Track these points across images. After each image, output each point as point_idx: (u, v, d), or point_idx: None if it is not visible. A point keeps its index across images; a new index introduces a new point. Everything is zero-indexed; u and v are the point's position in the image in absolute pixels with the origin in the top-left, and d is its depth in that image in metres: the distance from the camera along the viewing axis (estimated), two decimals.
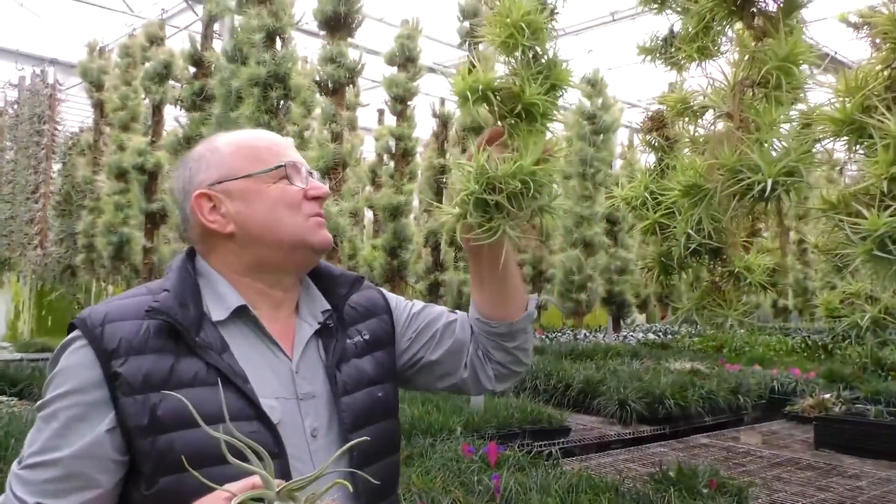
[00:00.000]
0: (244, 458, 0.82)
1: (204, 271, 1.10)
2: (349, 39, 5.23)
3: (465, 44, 6.30)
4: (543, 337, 12.20)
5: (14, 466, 0.96)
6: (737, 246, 1.45)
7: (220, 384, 0.95)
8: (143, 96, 7.56)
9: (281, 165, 1.09)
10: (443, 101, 7.39)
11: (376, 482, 0.99)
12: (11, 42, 11.58)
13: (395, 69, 6.23)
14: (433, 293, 6.24)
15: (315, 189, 1.12)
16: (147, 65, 7.19)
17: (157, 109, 7.46)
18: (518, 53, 1.09)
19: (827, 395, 6.01)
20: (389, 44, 6.30)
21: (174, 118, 6.54)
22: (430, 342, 1.25)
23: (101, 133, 8.68)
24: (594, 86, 10.04)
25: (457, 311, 1.32)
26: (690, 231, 1.45)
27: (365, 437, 1.00)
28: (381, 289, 1.31)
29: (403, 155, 6.49)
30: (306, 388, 1.07)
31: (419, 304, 1.31)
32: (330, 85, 5.11)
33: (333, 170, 4.89)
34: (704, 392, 6.06)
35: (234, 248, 1.09)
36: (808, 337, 10.74)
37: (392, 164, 6.87)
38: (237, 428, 0.82)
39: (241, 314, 1.06)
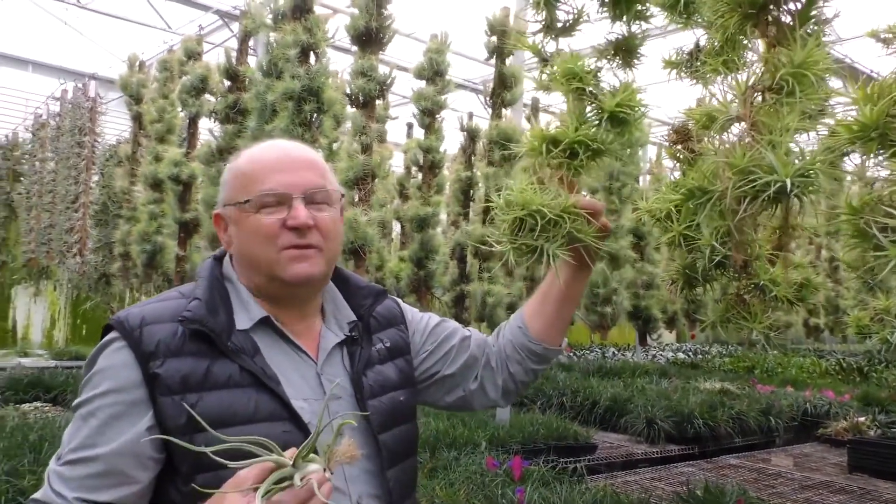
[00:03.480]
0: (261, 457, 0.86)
1: (232, 277, 1.14)
2: (380, 54, 5.32)
3: (492, 58, 6.34)
4: (571, 354, 12.08)
5: (52, 463, 0.99)
6: (749, 255, 1.44)
7: (254, 386, 1.00)
8: (179, 109, 7.74)
9: (248, 200, 1.08)
10: (470, 116, 7.45)
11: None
12: (55, 58, 12.05)
13: (423, 83, 6.30)
14: (458, 305, 6.25)
15: (293, 219, 1.07)
16: (184, 78, 7.36)
17: (192, 122, 7.63)
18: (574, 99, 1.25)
19: (861, 419, 5.85)
20: (418, 59, 6.39)
21: (208, 130, 6.68)
22: (447, 357, 1.29)
23: (139, 144, 8.89)
24: None
25: (469, 328, 1.37)
26: (715, 244, 1.45)
27: (378, 404, 1.07)
28: (397, 299, 1.34)
29: (431, 167, 6.53)
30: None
31: (435, 317, 1.34)
32: (361, 98, 5.21)
33: (363, 180, 4.97)
34: (734, 412, 5.93)
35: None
36: (843, 359, 10.48)
37: (420, 176, 6.94)
38: (271, 428, 0.86)
39: (266, 322, 1.10)
